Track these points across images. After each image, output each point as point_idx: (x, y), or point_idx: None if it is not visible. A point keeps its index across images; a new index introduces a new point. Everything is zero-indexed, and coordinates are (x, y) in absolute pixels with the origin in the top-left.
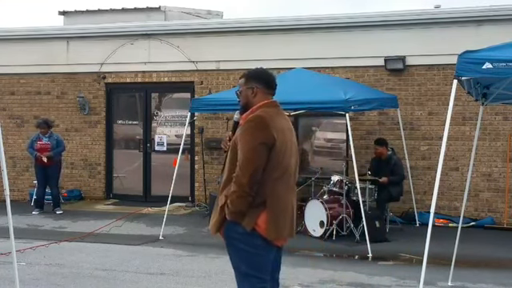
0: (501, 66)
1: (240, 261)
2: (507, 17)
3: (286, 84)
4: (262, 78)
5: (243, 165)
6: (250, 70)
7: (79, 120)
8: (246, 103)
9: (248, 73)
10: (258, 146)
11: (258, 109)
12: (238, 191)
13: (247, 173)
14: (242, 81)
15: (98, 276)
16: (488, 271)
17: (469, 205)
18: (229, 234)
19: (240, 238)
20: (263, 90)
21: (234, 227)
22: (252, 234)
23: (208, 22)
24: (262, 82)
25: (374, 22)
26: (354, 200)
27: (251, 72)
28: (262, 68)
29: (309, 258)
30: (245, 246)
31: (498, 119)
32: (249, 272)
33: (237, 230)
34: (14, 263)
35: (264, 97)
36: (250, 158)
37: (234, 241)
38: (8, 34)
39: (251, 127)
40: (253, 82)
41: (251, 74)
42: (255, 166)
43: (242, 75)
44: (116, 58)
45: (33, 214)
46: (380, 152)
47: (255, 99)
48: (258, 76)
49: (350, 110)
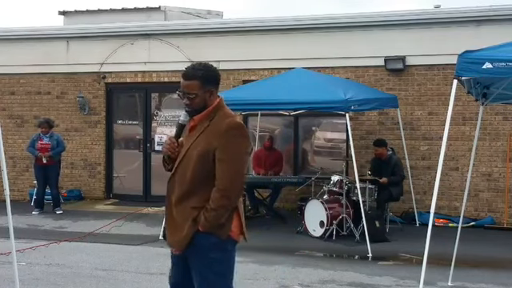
0: (501, 66)
1: (211, 272)
2: (507, 17)
3: (286, 84)
4: (216, 78)
5: (234, 177)
6: (199, 69)
7: (79, 120)
8: (203, 106)
9: (202, 75)
10: (245, 157)
11: (216, 109)
12: (226, 205)
13: (239, 186)
14: (194, 83)
15: (98, 276)
16: (488, 271)
17: (469, 205)
18: (202, 244)
19: (212, 248)
20: (216, 89)
21: (207, 237)
22: (225, 240)
23: (208, 22)
24: (217, 82)
25: (373, 22)
26: (353, 200)
27: (204, 73)
28: (207, 64)
29: (309, 258)
30: (217, 256)
31: (497, 119)
32: (220, 282)
33: (210, 240)
34: (14, 263)
35: (216, 95)
36: (241, 170)
37: (207, 251)
38: (8, 34)
39: (238, 136)
40: (209, 84)
41: (207, 76)
42: (244, 178)
43: (193, 76)
44: (116, 58)
45: (33, 213)
46: (380, 153)
47: (211, 101)
48: (213, 77)
49: (350, 110)
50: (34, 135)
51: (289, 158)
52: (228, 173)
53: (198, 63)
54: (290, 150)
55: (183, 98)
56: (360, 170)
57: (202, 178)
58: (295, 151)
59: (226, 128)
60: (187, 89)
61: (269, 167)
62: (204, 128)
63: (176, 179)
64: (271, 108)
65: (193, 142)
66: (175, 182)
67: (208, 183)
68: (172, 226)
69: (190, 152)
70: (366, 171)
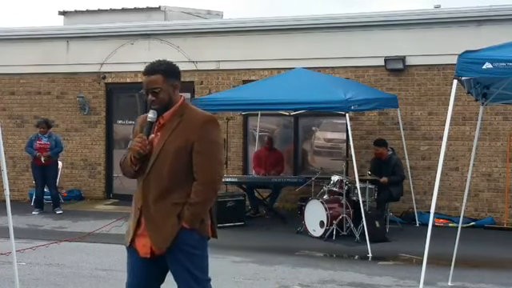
0: (501, 66)
1: (197, 269)
2: (507, 17)
3: (286, 84)
4: (178, 73)
5: (217, 169)
6: (161, 64)
7: (79, 120)
8: (168, 102)
9: (164, 68)
10: (222, 149)
11: (183, 106)
12: (212, 197)
13: (221, 177)
14: (157, 77)
15: (98, 276)
16: (488, 271)
17: (469, 205)
18: (186, 241)
19: (197, 245)
20: (179, 84)
21: (191, 235)
22: (205, 237)
23: (208, 21)
24: (179, 77)
25: (373, 22)
26: (354, 200)
27: (166, 67)
28: (166, 60)
29: (309, 258)
30: (201, 252)
31: (498, 119)
32: (204, 278)
33: (194, 238)
34: (14, 263)
35: (178, 91)
36: (221, 161)
37: (192, 249)
38: (8, 34)
39: (215, 129)
40: (172, 78)
41: (169, 70)
42: (223, 169)
43: (155, 71)
44: (116, 58)
45: (33, 214)
46: (380, 153)
47: (176, 96)
48: (175, 71)
49: (350, 110)
50: (32, 135)
51: (289, 158)
52: (210, 165)
53: (157, 60)
54: (289, 150)
55: (147, 96)
56: (360, 169)
57: (181, 173)
58: (295, 151)
59: (203, 121)
60: (151, 84)
61: (269, 167)
62: (176, 124)
63: (152, 177)
64: (271, 108)
65: (167, 138)
66: (151, 181)
67: (187, 178)
68: (152, 225)
69: (166, 148)
70: (365, 171)
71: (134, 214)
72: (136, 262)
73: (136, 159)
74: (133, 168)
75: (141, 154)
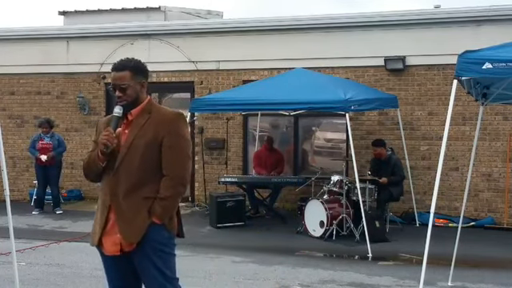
0: (501, 66)
1: (166, 267)
2: (507, 17)
3: (286, 84)
4: (147, 72)
5: (186, 164)
6: (129, 61)
7: (79, 120)
8: (136, 98)
9: (133, 65)
10: (191, 145)
11: (150, 104)
12: (182, 192)
13: (189, 173)
14: (126, 73)
15: (98, 276)
16: (488, 271)
17: (469, 205)
18: (155, 238)
19: (166, 243)
20: (146, 81)
21: (161, 231)
22: (173, 235)
23: (208, 22)
24: (147, 75)
25: (373, 22)
26: (354, 200)
27: (135, 64)
28: (135, 58)
29: (309, 258)
30: (170, 250)
31: (497, 119)
32: (173, 276)
33: (163, 235)
34: (14, 263)
35: (146, 89)
36: (190, 156)
37: (161, 246)
38: (8, 34)
39: (184, 125)
40: (140, 75)
41: (137, 67)
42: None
43: (124, 67)
44: (116, 58)
45: (33, 214)
46: (379, 153)
47: (143, 94)
48: (143, 69)
49: (350, 110)
50: (35, 136)
51: (289, 158)
52: (180, 160)
53: (126, 57)
54: (289, 150)
55: (115, 92)
56: (360, 170)
57: (152, 167)
58: (295, 151)
59: (173, 117)
60: (119, 80)
61: (270, 168)
62: (145, 120)
63: (122, 172)
64: (271, 108)
65: (137, 133)
66: (121, 176)
67: (156, 173)
68: (122, 219)
69: (136, 143)
70: (365, 171)
71: (102, 211)
72: (110, 262)
73: (103, 154)
74: (100, 164)
75: (108, 147)
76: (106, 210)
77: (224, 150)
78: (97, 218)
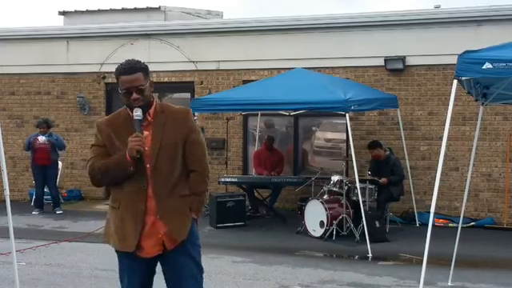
0: (501, 66)
1: (199, 258)
2: (507, 17)
3: (286, 84)
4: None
5: (206, 159)
6: (138, 62)
7: (79, 120)
8: (149, 99)
9: (144, 66)
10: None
11: (159, 103)
12: (207, 186)
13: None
14: (140, 75)
15: (97, 276)
16: (488, 271)
17: (469, 205)
18: (193, 232)
19: (198, 236)
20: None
21: (194, 225)
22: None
23: (208, 22)
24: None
25: (373, 22)
26: (354, 200)
27: (144, 66)
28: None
29: (309, 258)
30: (200, 242)
31: (497, 119)
32: (202, 266)
33: (196, 228)
34: (14, 263)
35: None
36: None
37: (195, 239)
38: (8, 34)
39: (194, 120)
40: (148, 76)
41: (147, 68)
42: None
43: (136, 69)
44: (116, 58)
45: (33, 214)
46: (376, 154)
47: (152, 93)
48: (148, 70)
49: (350, 110)
50: (32, 135)
51: (289, 158)
52: (203, 154)
53: (131, 59)
54: (289, 150)
55: (129, 96)
56: (360, 170)
57: (180, 165)
58: (295, 151)
59: (187, 113)
60: (136, 82)
61: (270, 168)
62: (164, 119)
63: (156, 174)
64: (271, 108)
65: (162, 133)
66: (156, 177)
67: (183, 170)
68: (171, 219)
69: (165, 143)
70: (366, 171)
71: (134, 216)
72: (139, 265)
73: (133, 159)
74: (130, 169)
75: (141, 152)
76: (142, 213)
77: (224, 150)
78: (124, 224)
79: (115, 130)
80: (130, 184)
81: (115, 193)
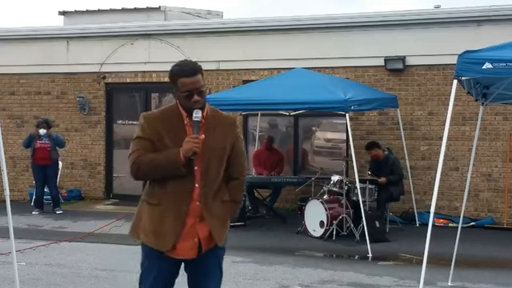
0: (501, 66)
1: (222, 262)
2: (507, 17)
3: (286, 84)
4: None
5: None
6: (197, 64)
7: (79, 120)
8: (205, 101)
9: (201, 68)
10: None
11: (208, 107)
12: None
13: None
14: (200, 77)
15: (98, 276)
16: (488, 271)
17: (469, 205)
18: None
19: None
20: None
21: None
22: None
23: (208, 22)
24: None
25: (373, 22)
26: (354, 200)
27: (200, 66)
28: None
29: (309, 258)
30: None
31: (497, 119)
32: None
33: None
34: (14, 263)
35: None
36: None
37: (224, 244)
38: (8, 34)
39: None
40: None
41: (202, 69)
42: None
43: (197, 71)
44: (116, 58)
45: (33, 214)
46: (374, 155)
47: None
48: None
49: (350, 110)
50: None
51: (289, 158)
52: (245, 163)
53: (188, 60)
54: (289, 150)
55: (191, 98)
56: (360, 170)
57: (223, 171)
58: (295, 151)
59: (233, 121)
60: (197, 84)
61: (270, 167)
62: (214, 124)
63: (205, 176)
64: (271, 108)
65: (213, 136)
66: (204, 179)
67: (224, 176)
68: (215, 222)
69: (215, 146)
70: (365, 171)
71: (175, 216)
72: (168, 265)
73: (186, 159)
74: (183, 170)
75: (196, 154)
76: (183, 214)
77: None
78: (163, 222)
79: (167, 126)
80: (175, 183)
81: (155, 189)
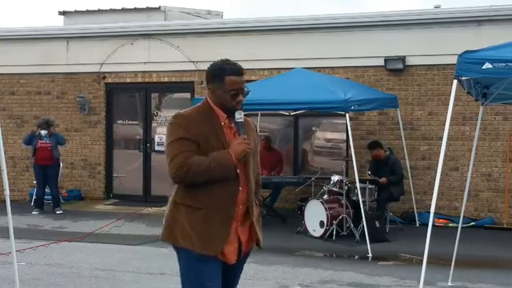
0: (501, 66)
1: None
2: (507, 17)
3: (286, 84)
4: None
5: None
6: (240, 64)
7: (79, 120)
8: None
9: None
10: None
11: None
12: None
13: None
14: (243, 78)
15: (98, 276)
16: (488, 271)
17: (469, 205)
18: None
19: None
20: None
21: None
22: None
23: (208, 22)
24: None
25: (374, 22)
26: (353, 200)
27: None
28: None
29: (309, 258)
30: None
31: (497, 119)
32: None
33: None
34: (14, 263)
35: None
36: None
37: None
38: (8, 34)
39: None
40: None
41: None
42: None
43: (242, 71)
44: (116, 58)
45: (33, 214)
46: (376, 155)
47: None
48: None
49: (350, 110)
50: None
51: (289, 158)
52: (259, 165)
53: (227, 59)
54: (289, 150)
55: (236, 97)
56: (360, 169)
57: (253, 174)
58: (295, 151)
59: (255, 124)
60: (243, 84)
61: (269, 167)
62: (246, 126)
63: (246, 179)
64: (271, 108)
65: (248, 139)
66: (246, 182)
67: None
68: (258, 225)
69: (251, 151)
70: (365, 171)
71: (223, 221)
72: (217, 270)
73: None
74: (234, 173)
75: (246, 156)
76: (230, 218)
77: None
78: (209, 226)
79: (209, 127)
80: (220, 187)
81: (199, 192)
